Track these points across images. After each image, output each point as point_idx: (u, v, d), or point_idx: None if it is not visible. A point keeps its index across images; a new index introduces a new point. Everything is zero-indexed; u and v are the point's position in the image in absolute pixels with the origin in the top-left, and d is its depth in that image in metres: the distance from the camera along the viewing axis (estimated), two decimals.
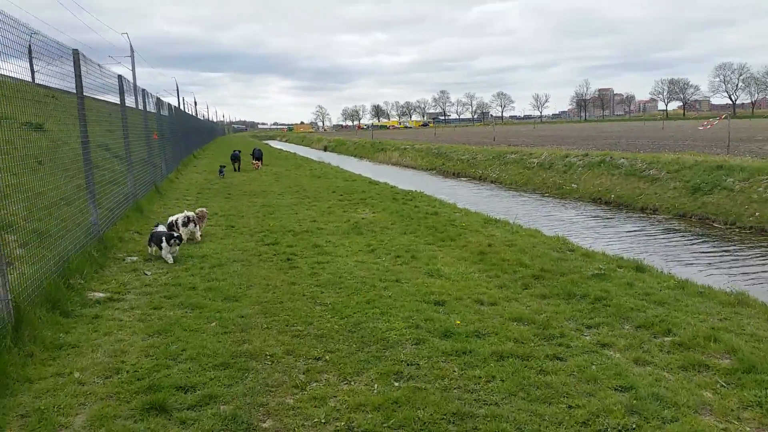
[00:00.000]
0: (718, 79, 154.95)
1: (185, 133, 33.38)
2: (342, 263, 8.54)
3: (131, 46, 62.13)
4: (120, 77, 12.83)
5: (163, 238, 8.73)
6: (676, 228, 16.21)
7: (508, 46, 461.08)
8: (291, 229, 11.43)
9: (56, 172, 9.29)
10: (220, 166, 24.64)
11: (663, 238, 14.76)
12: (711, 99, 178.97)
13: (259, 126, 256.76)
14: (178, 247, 8.85)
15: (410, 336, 5.48)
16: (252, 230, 11.53)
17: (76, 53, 8.83)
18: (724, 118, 42.45)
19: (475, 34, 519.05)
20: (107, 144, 14.90)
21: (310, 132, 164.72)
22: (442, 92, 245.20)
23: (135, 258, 8.92)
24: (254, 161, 28.00)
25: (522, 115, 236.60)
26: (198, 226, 10.48)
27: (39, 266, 6.28)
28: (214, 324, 5.87)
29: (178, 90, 76.75)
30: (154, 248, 8.93)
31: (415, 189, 19.24)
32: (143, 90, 16.69)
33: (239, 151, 27.83)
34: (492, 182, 31.72)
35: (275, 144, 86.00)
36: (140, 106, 16.23)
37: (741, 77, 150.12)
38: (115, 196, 11.82)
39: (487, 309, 6.39)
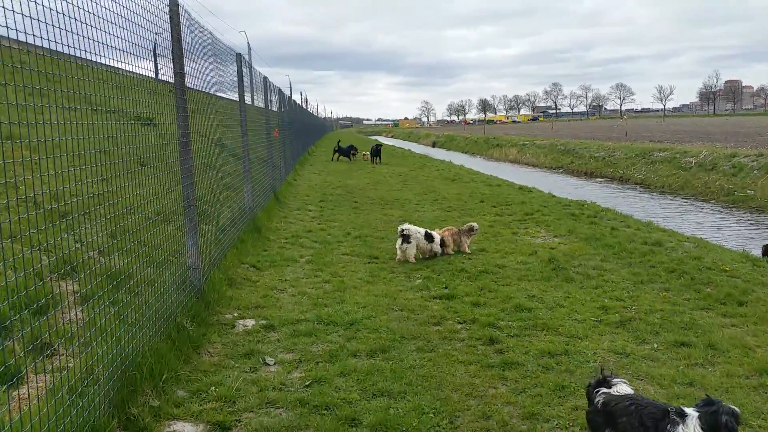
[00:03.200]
0: None
1: (302, 130, 31.07)
2: (591, 358, 4.91)
3: (248, 44, 61.43)
4: (239, 55, 9.91)
5: None
6: None
7: (625, 36, 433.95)
8: (461, 268, 7.95)
9: (160, 175, 6.39)
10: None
11: None
12: None
13: (364, 122, 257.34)
14: None
15: None
16: (404, 266, 8.17)
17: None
18: None
19: (590, 24, 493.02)
20: (222, 139, 12.15)
21: (416, 127, 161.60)
22: (555, 84, 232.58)
23: (251, 322, 5.77)
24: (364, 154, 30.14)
25: (639, 108, 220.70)
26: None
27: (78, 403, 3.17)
28: None
29: (291, 87, 76.06)
30: None
31: (580, 197, 15.26)
32: (265, 78, 13.86)
33: (380, 145, 29.91)
34: (637, 184, 27.21)
35: (382, 140, 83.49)
36: (260, 99, 13.40)
37: None
38: (230, 212, 8.83)
39: None
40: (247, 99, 10.83)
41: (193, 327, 5.06)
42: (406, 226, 8.39)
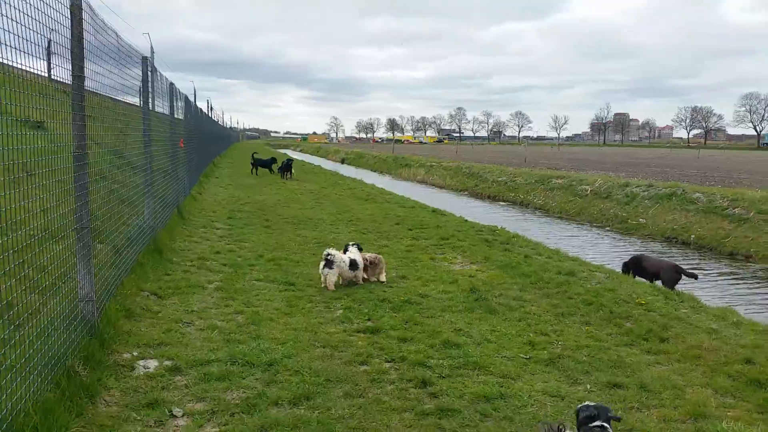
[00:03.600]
0: (743, 109, 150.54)
1: (208, 139, 29.71)
2: (527, 402, 4.69)
3: (152, 47, 58.56)
4: (145, 59, 9.09)
5: None
6: None
7: (523, 66, 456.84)
8: (383, 297, 7.60)
9: (50, 185, 5.51)
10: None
11: None
12: (727, 129, 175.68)
13: (272, 134, 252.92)
14: None
15: None
16: (323, 294, 7.70)
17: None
18: None
19: (491, 53, 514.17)
20: (121, 149, 11.09)
21: (325, 143, 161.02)
22: (459, 109, 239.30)
23: (153, 363, 5.08)
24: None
25: (536, 136, 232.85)
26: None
27: None
28: None
29: (195, 94, 73.39)
30: None
31: (489, 221, 15.47)
32: (171, 84, 12.94)
33: (291, 160, 28.22)
34: (537, 209, 28.29)
35: (291, 153, 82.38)
36: (165, 105, 12.45)
37: None
38: (126, 229, 7.93)
39: None
40: (152, 106, 10.00)
41: (86, 371, 4.34)
42: (331, 251, 7.97)
